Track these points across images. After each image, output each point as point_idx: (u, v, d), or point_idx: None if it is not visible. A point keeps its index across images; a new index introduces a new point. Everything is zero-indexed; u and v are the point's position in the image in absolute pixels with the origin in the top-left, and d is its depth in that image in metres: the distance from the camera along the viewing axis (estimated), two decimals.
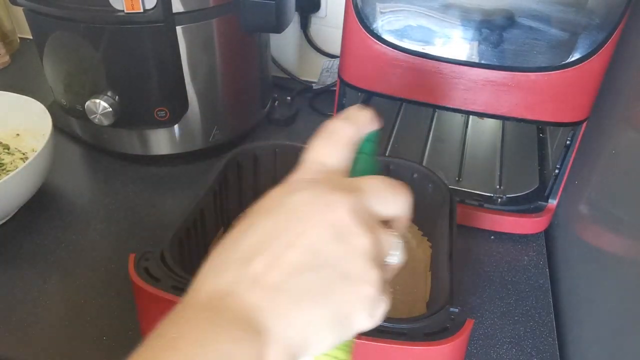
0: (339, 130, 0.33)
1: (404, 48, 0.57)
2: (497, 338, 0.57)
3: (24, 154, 0.74)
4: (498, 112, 0.58)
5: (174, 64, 0.68)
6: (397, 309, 0.52)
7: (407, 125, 0.84)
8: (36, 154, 0.62)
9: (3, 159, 0.72)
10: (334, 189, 0.28)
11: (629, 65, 0.57)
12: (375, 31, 0.58)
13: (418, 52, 0.57)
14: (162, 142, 0.74)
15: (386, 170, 0.60)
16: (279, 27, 0.73)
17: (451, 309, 0.40)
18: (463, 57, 0.56)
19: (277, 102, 0.91)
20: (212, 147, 0.78)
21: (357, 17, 0.58)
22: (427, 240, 0.58)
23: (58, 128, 0.80)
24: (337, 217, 0.27)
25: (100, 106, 0.67)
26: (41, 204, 0.70)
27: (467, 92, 0.58)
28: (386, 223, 0.30)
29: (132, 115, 0.70)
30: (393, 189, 0.31)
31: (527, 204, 0.69)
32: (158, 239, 0.53)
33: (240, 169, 0.59)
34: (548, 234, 0.70)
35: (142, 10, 0.62)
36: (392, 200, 0.31)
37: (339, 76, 0.65)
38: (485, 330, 0.57)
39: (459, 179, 0.73)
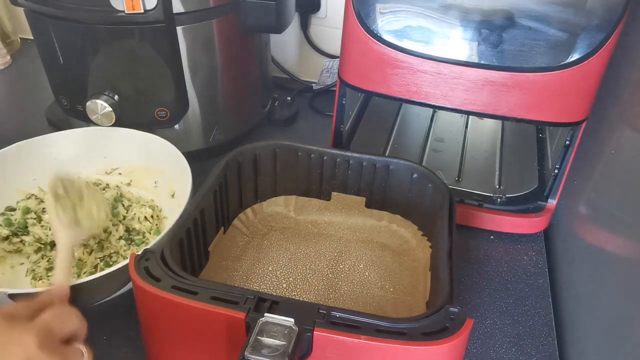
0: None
1: (404, 48, 0.57)
2: (497, 338, 0.57)
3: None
4: (497, 112, 0.58)
5: (174, 64, 0.68)
6: (397, 309, 0.52)
7: (407, 125, 0.84)
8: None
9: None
10: (21, 327, 0.35)
11: (628, 66, 0.57)
12: (375, 31, 0.58)
13: (418, 52, 0.57)
14: None
15: (386, 170, 0.60)
16: (279, 28, 0.73)
17: (451, 309, 0.40)
18: (462, 57, 0.56)
19: (277, 102, 0.91)
20: (212, 147, 0.78)
21: (357, 17, 0.58)
22: (427, 240, 0.58)
23: (58, 128, 0.80)
24: (30, 352, 0.34)
25: (101, 106, 0.67)
26: None
27: (467, 92, 0.58)
28: (68, 340, 0.38)
29: (132, 115, 0.70)
30: (66, 313, 0.39)
31: (527, 204, 0.69)
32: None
33: (240, 169, 0.60)
34: (547, 234, 0.70)
35: (142, 11, 0.62)
36: (68, 321, 0.39)
37: (339, 76, 0.65)
38: (485, 330, 0.57)
39: (458, 179, 0.73)
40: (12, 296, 0.47)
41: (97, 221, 0.57)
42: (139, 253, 0.44)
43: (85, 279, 0.48)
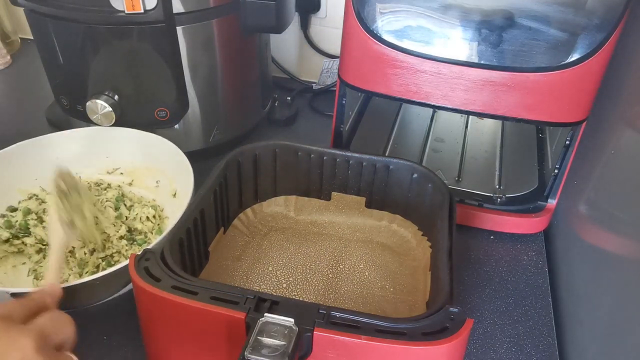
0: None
1: (404, 48, 0.57)
2: (497, 338, 0.57)
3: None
4: (497, 112, 0.58)
5: (174, 64, 0.68)
6: (397, 309, 0.52)
7: (407, 125, 0.84)
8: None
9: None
10: (18, 330, 0.35)
11: (628, 66, 0.57)
12: (375, 31, 0.58)
13: (418, 52, 0.57)
14: None
15: (386, 170, 0.60)
16: (279, 27, 0.73)
17: (451, 309, 0.40)
18: (462, 57, 0.56)
19: (277, 102, 0.91)
20: (212, 147, 0.78)
21: (357, 17, 0.58)
22: (427, 240, 0.58)
23: (58, 128, 0.80)
24: (27, 356, 0.34)
25: (101, 106, 0.68)
26: None
27: (467, 92, 0.58)
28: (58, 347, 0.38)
29: (132, 115, 0.70)
30: (61, 320, 0.39)
31: (527, 204, 0.69)
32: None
33: (240, 169, 0.60)
34: (547, 234, 0.70)
35: (142, 11, 0.62)
36: (62, 328, 0.39)
37: (339, 76, 0.65)
38: (484, 330, 0.57)
39: (458, 179, 0.73)
40: (14, 295, 0.47)
41: (88, 226, 0.57)
42: (139, 253, 0.45)
43: (86, 278, 0.49)
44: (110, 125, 0.69)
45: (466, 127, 0.84)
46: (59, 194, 0.55)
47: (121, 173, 0.71)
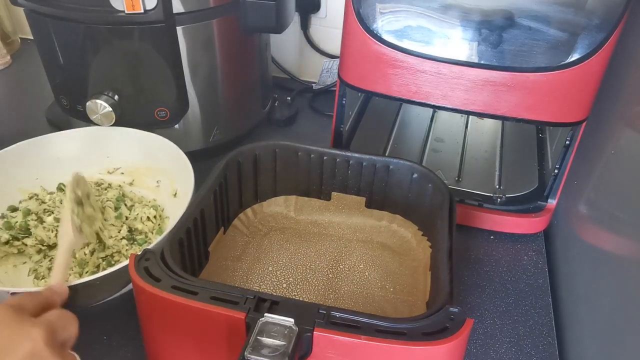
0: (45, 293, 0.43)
1: (404, 48, 0.57)
2: (497, 338, 0.57)
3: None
4: (497, 112, 0.58)
5: (175, 64, 0.68)
6: (397, 309, 0.52)
7: (407, 125, 0.84)
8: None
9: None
10: (30, 321, 0.37)
11: (628, 66, 0.57)
12: (375, 31, 0.58)
13: (418, 52, 0.57)
14: None
15: (386, 170, 0.60)
16: (279, 28, 0.73)
17: (451, 309, 0.40)
18: (462, 57, 0.56)
19: (277, 102, 0.91)
20: (212, 147, 0.78)
21: (357, 17, 0.58)
22: (427, 240, 0.58)
23: (58, 128, 0.80)
24: (37, 347, 0.35)
25: (101, 106, 0.67)
26: None
27: (467, 92, 0.58)
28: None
29: (132, 115, 0.70)
30: (67, 318, 0.40)
31: (527, 204, 0.69)
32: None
33: (240, 169, 0.60)
34: (547, 234, 0.70)
35: (142, 11, 0.62)
36: (69, 326, 0.40)
37: (339, 76, 0.65)
38: (484, 330, 0.57)
39: (458, 179, 0.73)
40: (15, 295, 0.47)
41: (91, 230, 0.58)
42: (139, 253, 0.45)
43: (87, 278, 0.49)
44: (110, 125, 0.69)
45: (466, 127, 0.84)
46: (77, 199, 0.56)
47: (122, 173, 0.71)
